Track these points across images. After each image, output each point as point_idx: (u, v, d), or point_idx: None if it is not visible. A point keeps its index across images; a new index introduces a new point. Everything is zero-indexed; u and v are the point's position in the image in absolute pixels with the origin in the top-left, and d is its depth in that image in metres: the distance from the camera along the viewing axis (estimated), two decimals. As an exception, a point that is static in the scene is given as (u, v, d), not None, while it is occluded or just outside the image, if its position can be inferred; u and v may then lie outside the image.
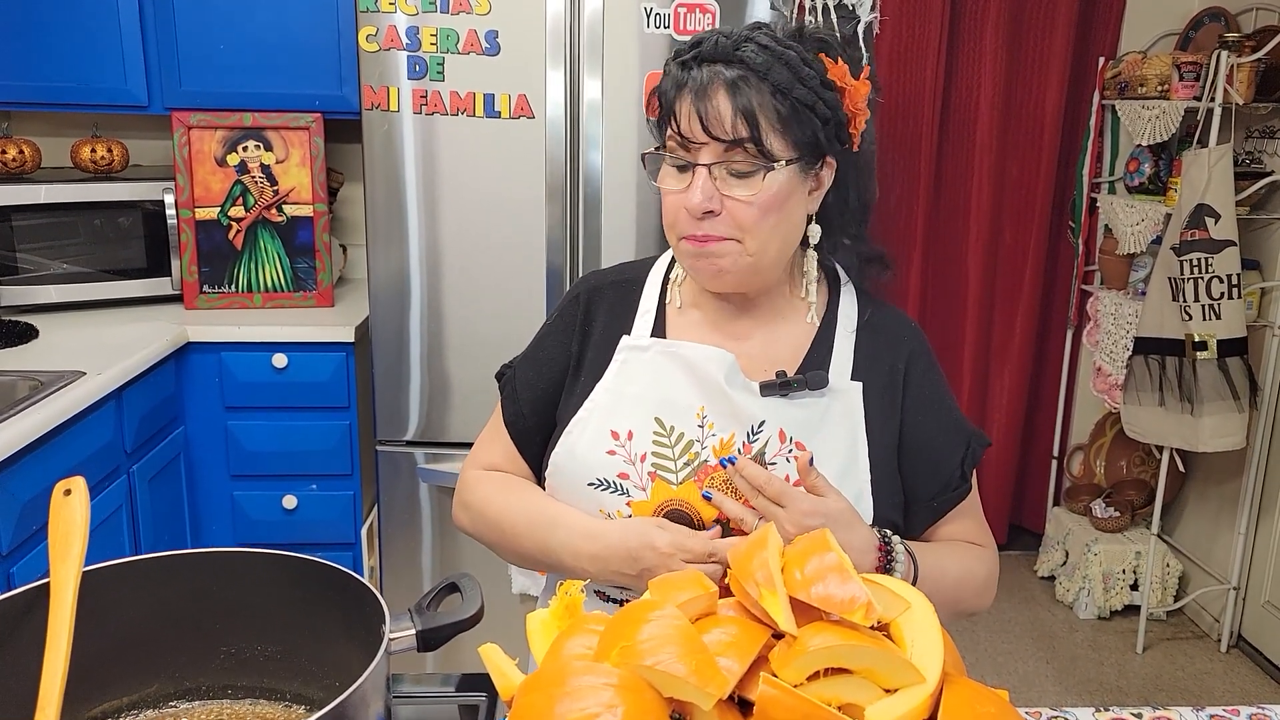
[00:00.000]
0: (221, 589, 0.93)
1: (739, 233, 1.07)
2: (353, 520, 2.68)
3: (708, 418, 1.13)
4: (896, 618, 0.80)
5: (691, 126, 1.05)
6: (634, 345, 1.18)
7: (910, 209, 3.31)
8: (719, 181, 1.06)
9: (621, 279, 1.25)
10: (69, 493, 0.89)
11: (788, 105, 1.04)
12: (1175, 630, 3.23)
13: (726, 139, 1.03)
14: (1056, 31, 3.25)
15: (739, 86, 1.03)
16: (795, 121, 1.04)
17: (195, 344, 2.54)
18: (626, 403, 1.15)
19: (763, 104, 1.03)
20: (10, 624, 0.85)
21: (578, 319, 1.23)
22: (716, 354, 1.13)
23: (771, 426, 1.11)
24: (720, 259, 1.09)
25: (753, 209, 1.06)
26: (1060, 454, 3.63)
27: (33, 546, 1.89)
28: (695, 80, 1.04)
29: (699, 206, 1.05)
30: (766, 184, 1.05)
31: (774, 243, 1.10)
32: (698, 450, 1.12)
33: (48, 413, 1.90)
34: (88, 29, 2.60)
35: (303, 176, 2.73)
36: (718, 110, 1.03)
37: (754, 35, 1.05)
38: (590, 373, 1.19)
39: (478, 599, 0.89)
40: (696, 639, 0.74)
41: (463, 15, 2.23)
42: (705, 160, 1.05)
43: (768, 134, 1.04)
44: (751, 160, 1.04)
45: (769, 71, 1.03)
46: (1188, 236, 2.75)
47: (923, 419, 1.17)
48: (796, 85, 1.04)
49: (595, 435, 1.14)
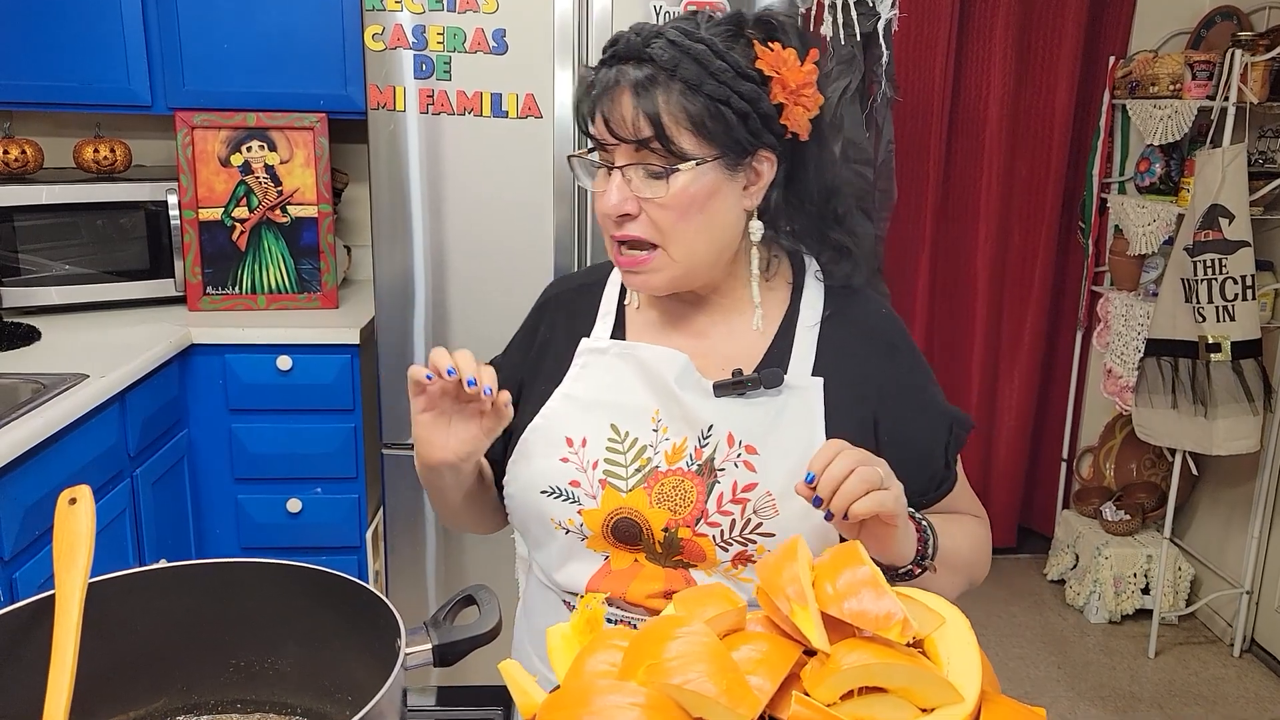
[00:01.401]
0: (231, 600, 0.91)
1: (659, 235, 1.05)
2: (357, 524, 2.65)
3: (662, 421, 1.11)
4: (931, 634, 0.77)
5: (599, 128, 1.03)
6: (593, 348, 1.16)
7: (919, 209, 3.28)
8: (635, 183, 1.03)
9: (584, 283, 1.24)
10: (74, 501, 0.87)
11: (699, 102, 1.00)
12: (1188, 635, 3.20)
13: (631, 140, 1.01)
14: (1066, 31, 3.22)
15: (644, 86, 1.00)
16: (709, 118, 1.00)
17: (199, 346, 2.52)
18: (582, 409, 1.13)
19: (669, 102, 1.00)
20: (15, 637, 0.83)
21: (539, 329, 1.23)
22: (669, 355, 1.11)
23: (721, 430, 1.09)
24: (648, 275, 1.07)
25: (670, 211, 1.03)
26: (1069, 456, 3.60)
27: (35, 552, 1.86)
28: (602, 82, 1.03)
29: (614, 209, 1.04)
30: (679, 184, 1.02)
31: (700, 244, 1.06)
32: (650, 455, 1.10)
33: (51, 416, 1.88)
34: (91, 28, 2.58)
35: (307, 177, 2.70)
36: (621, 112, 1.01)
37: (665, 30, 1.02)
38: (548, 380, 1.17)
39: (495, 612, 0.86)
40: (726, 656, 0.71)
41: (470, 14, 2.20)
42: (619, 162, 1.03)
43: (677, 133, 1.01)
44: (663, 161, 1.02)
45: (676, 68, 0.99)
46: (1201, 237, 2.73)
47: (906, 416, 1.13)
48: (706, 80, 1.00)
49: (549, 443, 1.13)
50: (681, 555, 1.09)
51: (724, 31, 1.04)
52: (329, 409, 2.57)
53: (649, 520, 1.08)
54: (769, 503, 1.06)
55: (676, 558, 1.09)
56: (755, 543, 1.06)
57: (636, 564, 1.10)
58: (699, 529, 1.07)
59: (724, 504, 1.07)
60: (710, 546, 1.07)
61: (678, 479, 1.08)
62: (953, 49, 3.18)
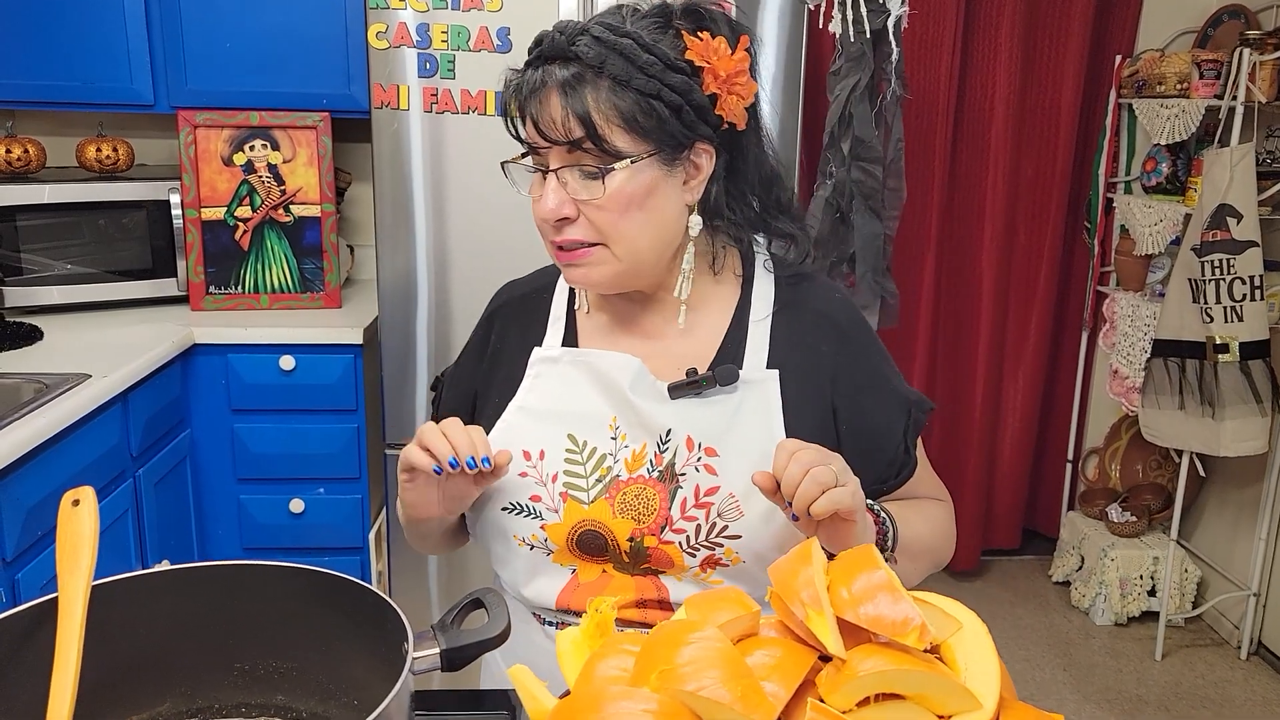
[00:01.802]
0: (235, 603, 0.90)
1: (600, 236, 1.02)
2: (360, 524, 2.64)
3: (620, 429, 1.09)
4: (948, 639, 0.76)
5: (529, 132, 1.01)
6: (545, 357, 1.14)
7: (924, 209, 3.27)
8: (570, 185, 1.01)
9: (533, 288, 1.21)
10: (77, 503, 0.86)
11: (629, 98, 0.97)
12: (1194, 637, 3.19)
13: (563, 141, 0.98)
14: (1072, 29, 3.21)
15: (572, 85, 0.97)
16: (640, 113, 0.98)
17: (201, 346, 2.51)
18: (538, 420, 1.11)
19: (599, 100, 0.97)
20: (18, 640, 0.82)
21: (490, 340, 1.20)
22: (622, 360, 1.09)
23: (679, 434, 1.07)
24: (589, 268, 1.05)
25: (608, 211, 1.01)
26: (1075, 457, 3.59)
27: (38, 553, 1.85)
28: (529, 83, 1.00)
29: (551, 213, 1.01)
30: (616, 183, 0.99)
31: (642, 241, 1.04)
32: (610, 465, 1.08)
33: (53, 416, 1.87)
34: (93, 27, 2.57)
35: (310, 176, 2.69)
36: (550, 113, 0.98)
37: (589, 26, 0.99)
38: (502, 392, 1.15)
39: (504, 616, 0.85)
40: (740, 662, 0.70)
41: (474, 12, 2.19)
42: (553, 165, 1.01)
43: (609, 131, 0.98)
44: (597, 161, 0.99)
45: (604, 64, 0.97)
46: (1209, 237, 2.71)
47: (862, 401, 1.11)
48: (635, 75, 0.97)
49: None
50: (649, 563, 1.07)
51: (651, 24, 1.01)
52: (332, 409, 2.56)
53: (613, 531, 1.06)
54: (733, 504, 1.04)
55: (644, 565, 1.07)
56: (722, 545, 1.04)
57: (605, 575, 1.08)
58: (664, 536, 1.05)
59: (688, 509, 1.05)
60: (677, 553, 1.05)
61: (639, 487, 1.07)
62: (958, 48, 3.17)
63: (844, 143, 1.85)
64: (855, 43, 1.79)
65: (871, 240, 1.90)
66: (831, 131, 1.87)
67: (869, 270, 1.94)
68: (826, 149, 1.94)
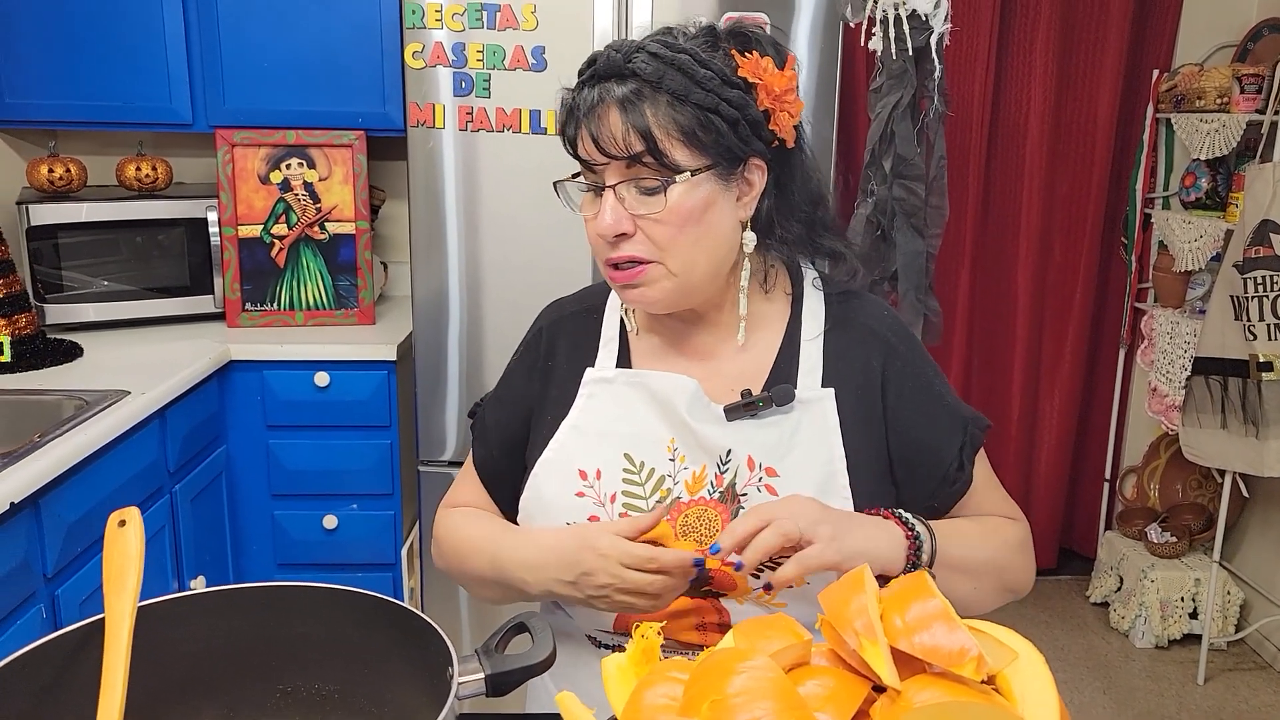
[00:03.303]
0: (279, 624, 0.90)
1: (658, 252, 1.02)
2: (393, 540, 2.64)
3: (678, 450, 1.08)
4: (1004, 669, 0.74)
5: (588, 148, 1.01)
6: (599, 378, 1.13)
7: (959, 224, 3.24)
8: (628, 201, 1.01)
9: (582, 307, 1.20)
10: (123, 524, 0.86)
11: (688, 112, 0.98)
12: (1237, 661, 3.12)
13: (623, 156, 0.98)
14: (1108, 44, 3.18)
15: (631, 100, 0.98)
16: (699, 127, 0.99)
17: (237, 362, 2.52)
18: (594, 440, 1.10)
19: (658, 114, 0.98)
20: (65, 660, 0.82)
21: (540, 356, 1.19)
22: (679, 382, 1.09)
23: (739, 454, 1.06)
24: (645, 287, 1.04)
25: (667, 226, 1.01)
26: (1112, 476, 3.53)
27: (78, 568, 1.87)
28: (586, 101, 1.00)
29: (610, 229, 1.01)
30: (675, 197, 1.00)
31: (699, 257, 1.04)
32: (669, 486, 1.07)
33: (93, 433, 1.88)
34: (133, 48, 2.61)
35: (345, 194, 2.71)
36: (610, 128, 0.98)
37: (645, 44, 1.00)
38: (555, 410, 1.14)
39: (549, 641, 0.84)
40: (793, 693, 0.69)
41: (509, 31, 2.20)
42: (610, 181, 1.01)
43: (669, 145, 0.99)
44: (657, 175, 0.99)
45: (662, 79, 0.98)
46: (1251, 253, 2.67)
47: (911, 415, 1.10)
48: (694, 89, 0.98)
49: (563, 477, 1.10)
50: (711, 585, 1.06)
51: (702, 43, 1.03)
52: (365, 425, 2.57)
53: None
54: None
55: (705, 588, 1.06)
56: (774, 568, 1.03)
57: None
58: (727, 558, 1.04)
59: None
60: (740, 575, 1.04)
61: (701, 508, 1.06)
62: (993, 63, 3.15)
63: (886, 160, 1.84)
64: (897, 60, 1.79)
65: (914, 258, 1.89)
66: (873, 149, 1.86)
67: (911, 288, 1.93)
68: (868, 167, 1.93)
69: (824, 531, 0.96)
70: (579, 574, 1.01)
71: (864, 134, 2.20)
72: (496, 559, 1.10)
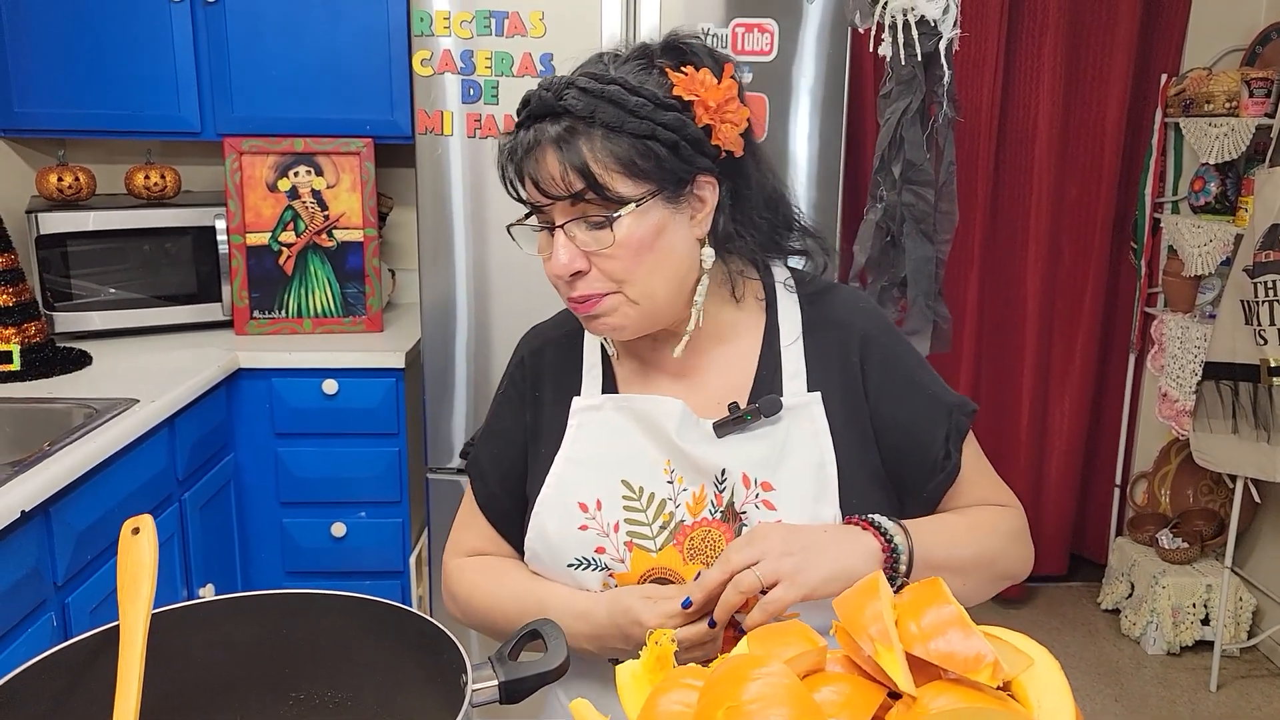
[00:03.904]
0: (292, 631, 0.89)
1: (614, 284, 1.02)
2: (401, 548, 2.64)
3: (675, 472, 1.07)
4: (1020, 675, 0.73)
5: (530, 191, 1.00)
6: (587, 406, 1.12)
7: (967, 230, 3.24)
8: (579, 239, 1.00)
9: (561, 333, 1.19)
10: (137, 531, 0.86)
11: (623, 143, 0.97)
12: (1250, 667, 3.10)
13: (564, 195, 0.98)
14: (1116, 49, 3.17)
15: (565, 139, 0.97)
16: (638, 156, 0.98)
17: (246, 370, 2.53)
18: (590, 470, 1.09)
19: (594, 150, 0.97)
20: (79, 668, 0.82)
21: (527, 386, 1.18)
22: (665, 404, 1.08)
23: (734, 473, 1.06)
24: (608, 317, 1.04)
25: (620, 259, 1.00)
26: (1123, 482, 3.52)
27: (88, 576, 1.87)
28: (523, 144, 0.99)
29: (564, 269, 1.00)
30: (624, 230, 0.99)
31: (657, 282, 1.03)
32: (671, 510, 1.06)
33: (103, 441, 1.88)
34: (142, 57, 2.62)
35: (353, 202, 2.72)
36: (549, 169, 0.98)
37: (575, 79, 0.99)
38: (548, 442, 1.13)
39: (563, 648, 0.84)
40: (809, 699, 0.68)
41: (518, 38, 2.21)
42: (559, 220, 1.00)
43: (609, 179, 0.97)
44: (602, 210, 0.98)
45: (594, 113, 0.96)
46: (1261, 258, 2.66)
47: (893, 406, 1.09)
48: (627, 119, 0.97)
49: (564, 511, 1.09)
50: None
51: (635, 66, 1.01)
52: (374, 433, 2.57)
53: (684, 577, 1.05)
54: None
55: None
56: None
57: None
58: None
59: None
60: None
61: (705, 530, 1.06)
62: (1001, 67, 3.15)
63: (895, 166, 1.84)
64: (906, 66, 1.79)
65: (923, 264, 1.89)
66: (882, 155, 1.86)
67: (921, 294, 1.93)
68: (877, 172, 1.93)
69: (787, 567, 0.94)
70: (635, 644, 0.99)
71: (873, 139, 2.20)
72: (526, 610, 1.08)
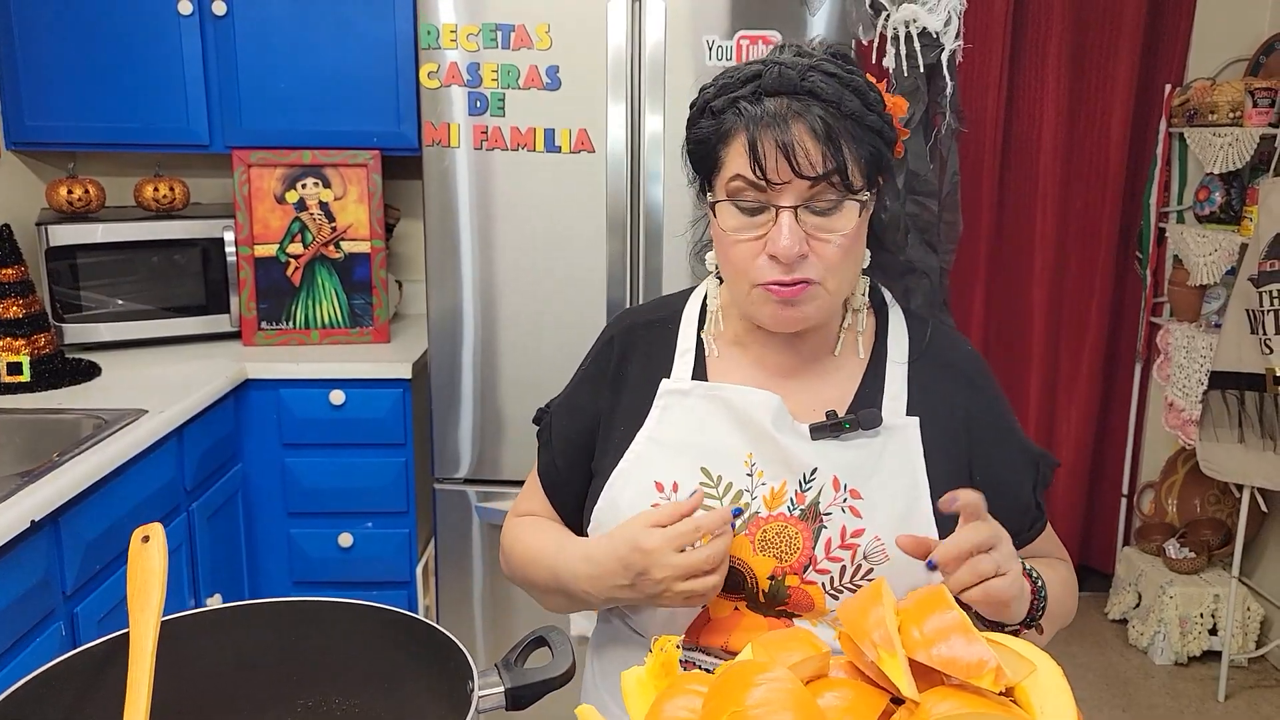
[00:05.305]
0: (300, 639, 0.90)
1: (825, 273, 1.01)
2: (408, 558, 2.65)
3: (756, 465, 1.06)
4: (1022, 681, 0.74)
5: (778, 166, 0.97)
6: (675, 389, 1.12)
7: (973, 240, 3.24)
8: (807, 223, 0.99)
9: (655, 317, 1.19)
10: (147, 539, 0.87)
11: (863, 134, 0.99)
12: (1258, 678, 3.09)
13: (815, 175, 0.97)
14: (1120, 59, 3.18)
15: (820, 118, 0.96)
16: (869, 149, 0.99)
17: (253, 381, 2.54)
18: (670, 451, 1.09)
19: (845, 136, 0.97)
20: (90, 675, 0.82)
21: (611, 365, 1.17)
22: (763, 397, 1.07)
23: (825, 474, 1.05)
24: (806, 306, 1.02)
25: (839, 247, 1.00)
26: (1130, 492, 3.51)
27: (96, 586, 1.88)
28: (769, 115, 0.97)
29: (792, 252, 0.98)
30: (850, 219, 1.00)
31: (850, 278, 1.05)
32: (748, 500, 1.06)
33: (111, 452, 1.89)
34: (151, 70, 2.64)
35: (360, 213, 2.73)
36: (804, 145, 0.96)
37: (818, 64, 0.99)
38: (628, 420, 1.13)
39: (569, 654, 0.84)
40: (812, 704, 0.69)
41: (524, 50, 2.22)
42: (788, 202, 0.98)
43: (853, 167, 0.98)
44: (835, 196, 0.98)
45: (841, 100, 0.97)
46: (1266, 267, 2.66)
47: (993, 454, 1.09)
48: (867, 114, 0.99)
49: (638, 488, 1.08)
50: (786, 605, 1.05)
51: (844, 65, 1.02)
52: (381, 443, 2.57)
53: (753, 568, 1.04)
54: (879, 548, 1.02)
55: (780, 607, 1.05)
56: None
57: (737, 612, 1.06)
58: (807, 576, 1.03)
59: (832, 550, 1.03)
60: (819, 594, 1.03)
61: (781, 525, 1.05)
62: (1005, 78, 3.16)
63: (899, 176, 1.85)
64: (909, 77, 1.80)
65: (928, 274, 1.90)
66: (885, 166, 1.88)
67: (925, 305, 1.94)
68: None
69: (1014, 567, 0.94)
70: (635, 576, 0.99)
71: (876, 150, 2.20)
72: (556, 574, 1.09)
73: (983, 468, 1.09)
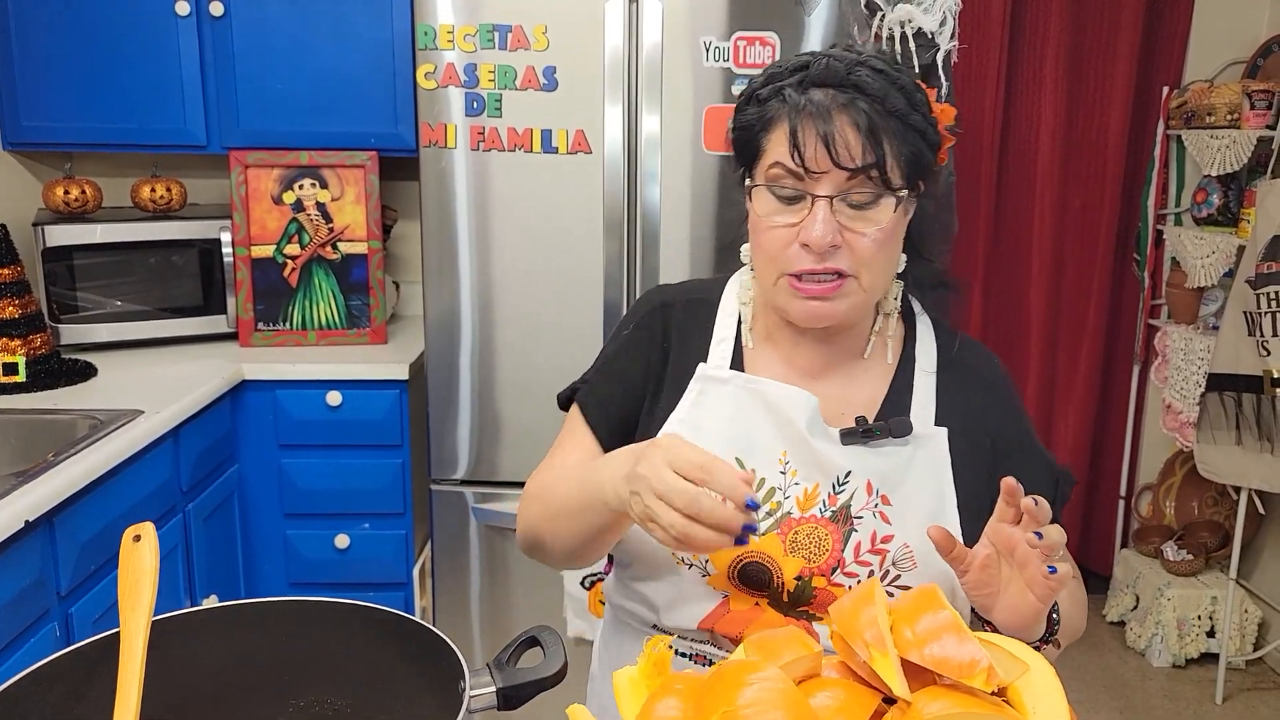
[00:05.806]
0: (292, 639, 0.90)
1: (857, 267, 1.00)
2: (405, 560, 2.64)
3: (790, 464, 1.05)
4: (1015, 681, 0.74)
5: (817, 155, 0.97)
6: (712, 376, 1.10)
7: (970, 242, 3.24)
8: (841, 215, 0.99)
9: (692, 298, 1.17)
10: (138, 539, 0.87)
11: (906, 132, 0.99)
12: (1256, 680, 3.09)
13: (853, 167, 0.97)
14: (1118, 61, 3.18)
15: (863, 112, 0.97)
16: (911, 148, 1.00)
17: (250, 382, 2.53)
18: (708, 439, 1.05)
19: (889, 131, 0.98)
20: (80, 675, 0.82)
21: (657, 334, 1.14)
22: (800, 396, 1.06)
23: (858, 478, 1.04)
24: (835, 301, 1.02)
25: (873, 242, 1.00)
26: (1128, 494, 3.51)
27: (91, 586, 1.87)
28: (813, 105, 0.98)
29: (824, 241, 0.98)
30: (887, 215, 0.99)
31: (885, 276, 1.05)
32: (780, 500, 1.05)
33: (107, 452, 1.89)
34: (148, 71, 2.64)
35: (357, 214, 2.73)
36: (845, 137, 0.97)
37: (866, 60, 1.00)
38: (667, 399, 1.11)
39: (560, 654, 0.84)
40: (804, 704, 0.68)
41: (521, 51, 2.22)
42: (825, 191, 0.98)
43: (893, 163, 0.99)
44: (872, 190, 0.98)
45: (886, 97, 0.98)
46: (1264, 269, 2.66)
47: (1016, 468, 1.07)
48: (911, 113, 0.99)
49: None
50: (810, 606, 1.04)
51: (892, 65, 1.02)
52: (377, 445, 2.57)
53: (781, 567, 1.03)
54: (907, 555, 1.02)
55: (803, 608, 1.05)
56: (893, 595, 1.02)
57: (757, 608, 1.05)
58: (835, 579, 1.03)
59: (861, 554, 1.03)
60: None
61: (812, 526, 1.04)
62: (1003, 80, 3.16)
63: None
64: (904, 78, 1.81)
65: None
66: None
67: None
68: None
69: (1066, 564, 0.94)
70: (634, 464, 0.91)
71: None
72: (583, 474, 1.03)
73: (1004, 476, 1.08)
